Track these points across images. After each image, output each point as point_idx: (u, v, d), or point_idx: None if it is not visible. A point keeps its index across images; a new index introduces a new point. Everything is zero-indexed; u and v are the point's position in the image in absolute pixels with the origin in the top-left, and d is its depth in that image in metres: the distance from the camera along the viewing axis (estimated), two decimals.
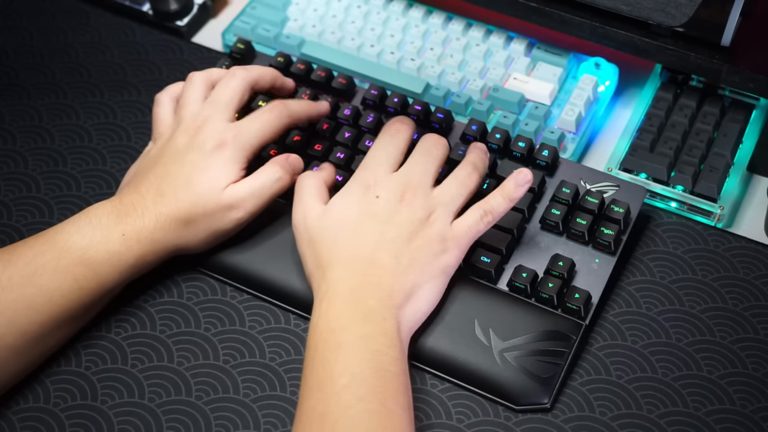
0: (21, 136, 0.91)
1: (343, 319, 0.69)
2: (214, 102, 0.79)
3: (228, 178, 0.76)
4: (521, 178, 0.74)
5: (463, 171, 0.76)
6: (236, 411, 0.73)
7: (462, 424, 0.72)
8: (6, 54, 0.98)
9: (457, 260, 0.74)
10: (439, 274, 0.73)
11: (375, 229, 0.72)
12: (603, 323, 0.77)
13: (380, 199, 0.73)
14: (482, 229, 0.74)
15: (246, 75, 0.81)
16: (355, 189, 0.74)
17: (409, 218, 0.72)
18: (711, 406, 0.72)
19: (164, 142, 0.79)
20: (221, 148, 0.77)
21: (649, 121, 0.86)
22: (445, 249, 0.73)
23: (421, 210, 0.73)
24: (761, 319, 0.76)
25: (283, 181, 0.78)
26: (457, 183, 0.75)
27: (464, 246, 0.74)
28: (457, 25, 0.93)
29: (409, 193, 0.73)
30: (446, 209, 0.73)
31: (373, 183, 0.74)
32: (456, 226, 0.73)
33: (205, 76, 0.82)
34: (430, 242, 0.72)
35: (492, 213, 0.74)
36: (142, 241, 0.74)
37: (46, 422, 0.73)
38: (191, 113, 0.79)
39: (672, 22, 0.80)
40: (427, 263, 0.72)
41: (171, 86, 0.83)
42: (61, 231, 0.74)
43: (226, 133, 0.77)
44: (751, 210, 0.83)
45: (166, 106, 0.82)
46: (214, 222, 0.76)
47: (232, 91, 0.80)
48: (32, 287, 0.71)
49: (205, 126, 0.78)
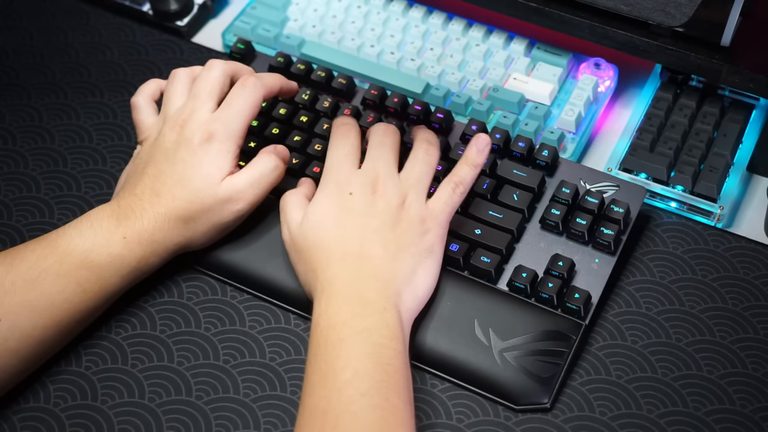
0: (21, 136, 0.91)
1: (343, 314, 0.69)
2: (195, 96, 0.79)
3: (222, 170, 0.76)
4: (480, 142, 0.76)
5: (420, 150, 0.77)
6: (236, 411, 0.73)
7: (462, 424, 0.72)
8: (6, 54, 0.98)
9: (440, 238, 0.74)
10: (427, 255, 0.73)
11: (357, 223, 0.73)
12: (603, 323, 0.77)
13: (354, 195, 0.74)
14: (457, 200, 0.75)
15: (223, 64, 0.81)
16: (327, 191, 0.75)
17: (386, 207, 0.73)
18: (711, 406, 0.72)
19: (152, 142, 0.79)
20: (209, 141, 0.77)
21: (649, 121, 0.86)
22: (426, 229, 0.74)
23: (395, 197, 0.74)
24: (761, 319, 0.76)
25: (279, 168, 0.79)
26: (419, 162, 0.76)
27: (444, 222, 0.75)
28: (457, 25, 0.93)
29: (380, 183, 0.75)
30: (416, 190, 0.75)
31: (343, 181, 0.75)
32: (432, 204, 0.75)
33: (188, 72, 0.82)
34: (411, 225, 0.73)
35: (462, 183, 0.75)
36: (143, 243, 0.74)
37: (46, 422, 0.73)
38: (175, 109, 0.79)
39: (672, 22, 0.80)
40: (413, 246, 0.73)
41: (144, 87, 0.83)
42: (63, 234, 0.74)
43: (210, 123, 0.77)
44: (751, 210, 0.83)
45: (144, 108, 0.82)
46: (214, 216, 0.76)
47: (213, 82, 0.80)
48: (35, 291, 0.71)
49: (189, 120, 0.78)
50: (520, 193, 0.80)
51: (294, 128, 0.86)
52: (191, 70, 0.82)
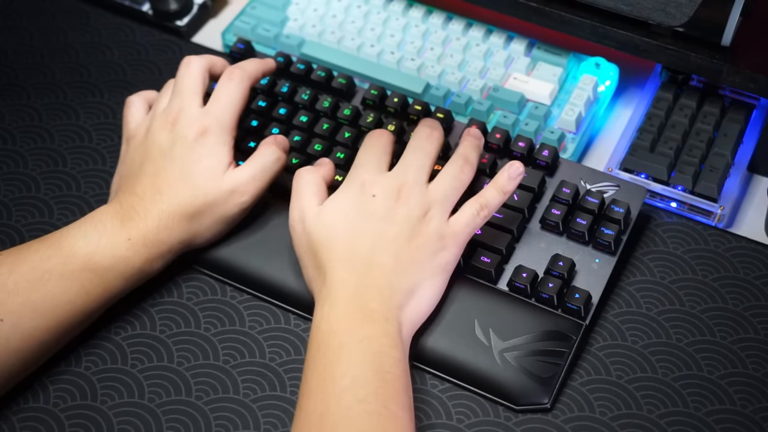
0: (21, 136, 0.91)
1: (345, 321, 0.69)
2: (179, 93, 0.79)
3: (222, 162, 0.76)
4: (513, 170, 0.75)
5: (455, 165, 0.75)
6: (236, 411, 0.73)
7: (462, 424, 0.72)
8: (6, 54, 0.98)
9: (455, 257, 0.74)
10: (439, 272, 0.73)
11: (373, 228, 0.72)
12: (603, 323, 0.77)
13: (377, 197, 0.73)
14: (479, 223, 0.74)
15: (200, 59, 0.81)
16: (350, 188, 0.74)
17: (406, 216, 0.72)
18: (711, 406, 0.72)
19: (140, 141, 0.79)
20: (204, 135, 0.77)
21: (649, 121, 0.85)
22: (443, 246, 0.73)
23: (418, 208, 0.73)
24: (761, 319, 0.76)
25: (281, 160, 0.79)
26: (451, 178, 0.75)
27: (462, 242, 0.74)
28: (457, 25, 0.93)
29: (405, 190, 0.73)
30: (441, 206, 0.73)
31: (368, 182, 0.74)
32: (453, 222, 0.73)
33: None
34: (428, 240, 0.72)
35: (487, 207, 0.74)
36: (148, 245, 0.74)
37: (46, 422, 0.73)
38: (161, 109, 0.80)
39: (672, 22, 0.80)
40: (426, 261, 0.72)
41: (143, 91, 0.84)
42: (67, 235, 0.74)
43: (203, 118, 0.78)
44: (751, 210, 0.83)
45: (136, 105, 0.82)
46: (218, 210, 0.76)
47: (194, 77, 0.80)
48: (38, 292, 0.71)
49: (180, 117, 0.78)
50: (520, 193, 0.80)
51: (294, 128, 0.86)
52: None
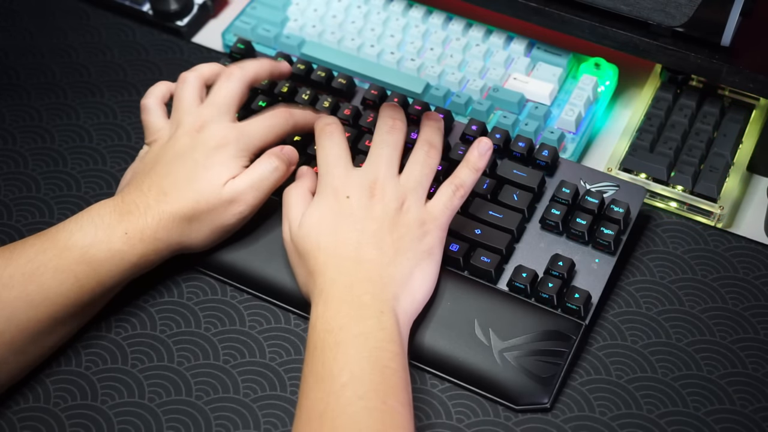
0: (21, 136, 0.91)
1: (340, 318, 0.69)
2: (213, 104, 0.79)
3: (229, 173, 0.76)
4: (483, 146, 0.76)
5: (421, 152, 0.77)
6: (236, 411, 0.73)
7: (462, 424, 0.72)
8: (6, 54, 0.98)
9: (440, 240, 0.74)
10: (426, 257, 0.73)
11: (354, 227, 0.73)
12: (603, 323, 0.77)
13: (351, 198, 0.74)
14: (457, 204, 0.75)
15: (242, 75, 0.81)
16: (324, 196, 0.75)
17: (383, 211, 0.73)
18: (711, 406, 0.72)
19: (162, 144, 0.79)
20: (224, 146, 0.77)
21: (649, 121, 0.86)
22: (426, 231, 0.73)
23: (394, 201, 0.74)
24: (761, 319, 0.76)
25: (280, 170, 0.78)
26: (420, 165, 0.76)
27: (444, 224, 0.75)
28: (457, 25, 0.93)
29: (378, 187, 0.74)
30: (416, 194, 0.75)
31: (339, 186, 0.75)
32: (431, 207, 0.74)
33: (197, 75, 0.82)
34: (410, 229, 0.73)
35: (463, 187, 0.75)
36: (145, 240, 0.74)
37: (46, 422, 0.73)
38: (190, 116, 0.79)
39: (672, 22, 0.80)
40: (412, 249, 0.73)
41: (154, 89, 0.83)
42: (63, 229, 0.74)
43: (229, 134, 0.78)
44: (751, 210, 0.83)
45: (155, 111, 0.82)
46: (217, 218, 0.76)
47: (231, 94, 0.80)
48: (33, 285, 0.71)
49: (207, 127, 0.78)
50: (520, 193, 0.80)
51: None
52: (200, 73, 0.82)
